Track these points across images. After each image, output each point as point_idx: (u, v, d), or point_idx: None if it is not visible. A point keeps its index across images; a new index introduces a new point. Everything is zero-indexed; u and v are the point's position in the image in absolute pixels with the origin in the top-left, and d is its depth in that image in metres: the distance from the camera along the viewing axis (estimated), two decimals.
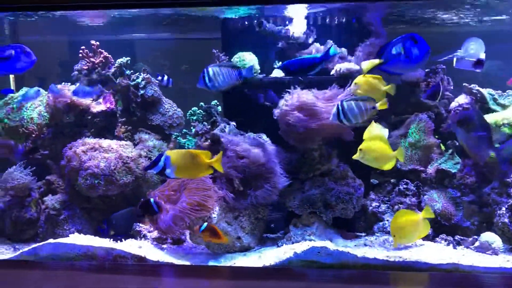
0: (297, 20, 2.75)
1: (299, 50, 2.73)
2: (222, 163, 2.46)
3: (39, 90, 2.82)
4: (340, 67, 2.55)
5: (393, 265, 2.11)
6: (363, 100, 2.23)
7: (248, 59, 2.66)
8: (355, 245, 2.41)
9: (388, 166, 2.26)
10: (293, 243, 2.40)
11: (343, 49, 2.67)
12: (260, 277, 2.06)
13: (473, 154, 2.51)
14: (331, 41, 2.48)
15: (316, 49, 2.63)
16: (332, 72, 2.62)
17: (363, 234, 2.60)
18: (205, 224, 2.22)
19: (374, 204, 2.63)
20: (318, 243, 2.23)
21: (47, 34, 3.95)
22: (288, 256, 2.15)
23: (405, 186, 2.58)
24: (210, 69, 2.20)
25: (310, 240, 2.38)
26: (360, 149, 2.23)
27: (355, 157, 2.24)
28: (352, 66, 2.57)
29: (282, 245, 2.42)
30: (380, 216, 2.59)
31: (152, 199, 2.24)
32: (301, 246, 2.19)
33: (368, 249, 2.33)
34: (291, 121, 2.38)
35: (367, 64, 2.31)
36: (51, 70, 3.91)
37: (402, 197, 2.56)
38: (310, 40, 2.74)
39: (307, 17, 2.78)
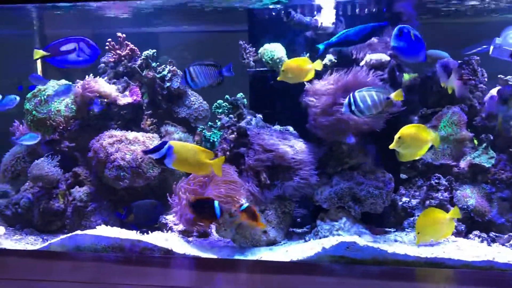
0: (325, 9, 2.69)
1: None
2: (249, 155, 2.45)
3: (70, 86, 2.83)
4: (371, 57, 2.49)
5: (424, 261, 2.05)
6: (377, 91, 2.15)
7: (276, 50, 2.60)
8: (385, 241, 2.35)
9: (422, 152, 2.21)
10: (320, 238, 2.36)
11: (374, 39, 2.59)
12: (288, 271, 2.02)
13: None
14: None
15: None
16: (362, 63, 2.55)
17: (393, 230, 2.54)
18: (246, 204, 2.17)
19: (404, 199, 2.56)
20: (347, 238, 2.18)
21: (73, 27, 3.97)
22: (317, 251, 2.11)
23: (437, 180, 2.50)
24: (191, 69, 2.22)
25: (338, 235, 2.33)
26: (399, 137, 2.15)
27: (392, 146, 2.16)
28: (383, 56, 2.50)
29: (309, 240, 2.38)
30: (411, 212, 2.53)
31: (217, 202, 2.14)
32: (330, 241, 2.14)
33: (399, 245, 2.27)
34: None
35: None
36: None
37: (433, 192, 2.49)
38: (339, 30, 2.68)
39: (336, 7, 2.71)
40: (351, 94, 2.15)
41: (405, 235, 2.42)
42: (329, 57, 2.62)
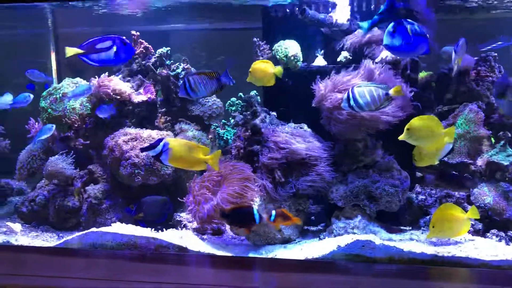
0: (340, 6, 2.66)
1: (342, 37, 2.65)
2: (263, 153, 2.45)
3: (90, 87, 2.84)
4: (386, 54, 2.46)
5: (441, 260, 2.03)
6: (376, 86, 2.14)
7: (290, 47, 2.59)
8: (400, 239, 2.32)
9: (437, 145, 2.17)
10: (335, 236, 2.35)
11: None
12: (303, 269, 2.02)
13: None
14: None
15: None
16: (378, 60, 2.53)
17: (408, 228, 2.51)
18: (274, 212, 2.14)
19: (420, 197, 2.54)
20: (363, 236, 2.16)
21: (87, 25, 3.99)
22: (332, 249, 2.10)
23: None
24: (190, 79, 2.21)
25: (353, 233, 2.32)
26: (408, 129, 2.12)
27: (401, 137, 2.13)
28: None
29: (324, 238, 2.37)
30: (427, 210, 2.50)
31: (256, 209, 2.13)
32: (345, 239, 2.13)
33: (415, 243, 2.24)
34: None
35: None
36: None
37: (450, 190, 2.46)
38: (354, 27, 2.66)
39: (350, 3, 2.69)
40: (350, 90, 2.14)
41: (421, 234, 2.39)
42: (344, 54, 2.61)
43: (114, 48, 2.14)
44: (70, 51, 2.15)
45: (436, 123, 2.16)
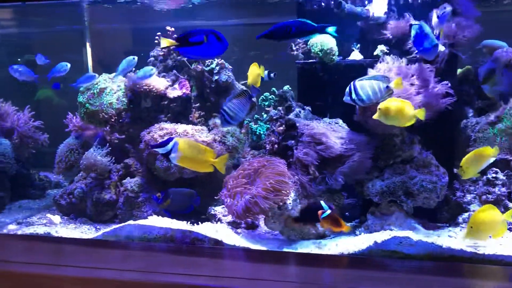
0: None
1: (379, 31, 2.61)
2: (297, 148, 2.44)
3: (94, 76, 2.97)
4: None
5: (482, 258, 1.98)
6: (377, 79, 2.15)
7: (325, 41, 2.57)
8: (438, 236, 2.28)
9: (408, 123, 2.19)
10: (371, 232, 2.33)
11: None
12: (339, 265, 2.00)
13: None
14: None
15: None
16: (416, 53, 2.48)
17: (446, 225, 2.47)
18: (328, 211, 2.16)
19: (459, 193, 2.48)
20: (400, 232, 2.13)
21: (122, 21, 4.05)
22: (368, 245, 2.07)
23: (494, 175, 2.40)
24: (226, 108, 2.24)
25: (390, 229, 2.29)
26: (379, 109, 2.16)
27: (375, 117, 2.17)
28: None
29: (360, 234, 2.35)
30: (466, 207, 2.45)
31: (322, 202, 2.18)
32: (382, 236, 2.10)
33: (454, 240, 2.20)
34: None
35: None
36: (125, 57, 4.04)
37: (490, 186, 2.40)
38: (391, 20, 2.61)
39: None
40: (352, 83, 2.16)
41: (459, 231, 2.34)
42: (381, 48, 2.57)
43: (205, 40, 2.14)
44: (165, 41, 2.17)
45: (408, 105, 2.16)
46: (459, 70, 2.77)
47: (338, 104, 2.51)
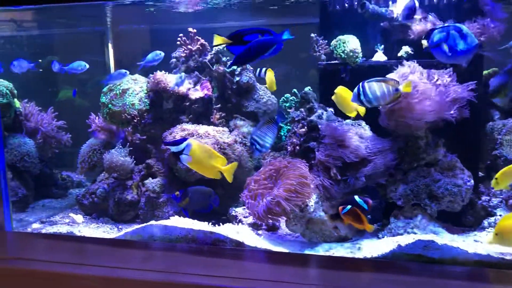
0: (402, 0, 2.59)
1: (403, 32, 2.58)
2: (319, 150, 2.43)
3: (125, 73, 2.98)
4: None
5: (510, 263, 1.94)
6: (386, 81, 2.12)
7: (349, 42, 2.55)
8: (464, 241, 2.24)
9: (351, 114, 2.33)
10: (394, 235, 2.30)
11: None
12: (362, 268, 1.98)
13: None
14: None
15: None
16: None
17: (471, 229, 2.42)
18: (349, 206, 2.13)
19: (484, 197, 2.44)
20: (425, 236, 2.10)
21: (143, 22, 4.08)
22: (391, 248, 2.05)
23: None
24: (256, 138, 2.24)
25: (413, 233, 2.26)
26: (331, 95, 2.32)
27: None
28: None
29: (383, 237, 2.32)
30: (491, 211, 2.40)
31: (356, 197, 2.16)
32: (406, 239, 2.07)
33: (479, 245, 2.16)
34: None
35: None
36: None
37: None
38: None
39: None
40: (360, 84, 2.13)
41: (485, 235, 2.30)
42: (405, 49, 2.54)
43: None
44: (218, 39, 2.15)
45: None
46: (484, 72, 2.72)
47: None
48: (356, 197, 2.14)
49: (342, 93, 2.35)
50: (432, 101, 2.23)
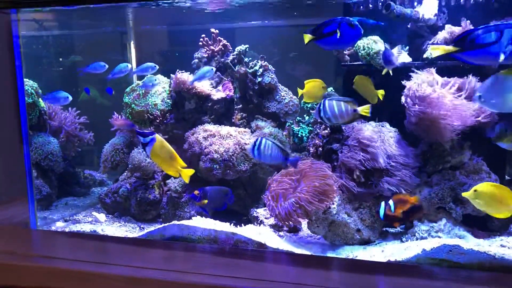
0: (427, 0, 2.55)
1: (429, 33, 2.55)
2: (342, 151, 2.41)
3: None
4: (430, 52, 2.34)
5: None
6: (346, 101, 2.21)
7: (373, 43, 2.52)
8: (490, 245, 2.20)
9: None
10: (417, 239, 2.27)
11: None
12: (386, 272, 1.96)
13: None
14: None
15: (449, 32, 2.42)
16: (424, 55, 2.41)
17: (497, 234, 2.38)
18: (391, 202, 2.19)
19: None
20: (450, 240, 2.07)
21: (165, 23, 4.10)
22: (416, 252, 2.02)
23: None
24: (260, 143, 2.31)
25: (438, 237, 2.23)
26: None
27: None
28: None
29: (406, 241, 2.29)
30: None
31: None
32: (431, 243, 2.05)
33: (506, 250, 2.12)
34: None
35: (438, 49, 1.97)
36: (168, 58, 4.08)
37: None
38: (441, 22, 2.54)
39: None
40: (322, 101, 2.23)
41: None
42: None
43: (339, 33, 2.12)
44: (306, 37, 2.19)
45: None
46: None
47: (386, 107, 2.47)
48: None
49: (362, 81, 2.42)
50: (458, 115, 2.21)
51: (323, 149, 2.53)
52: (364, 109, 2.22)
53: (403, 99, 2.36)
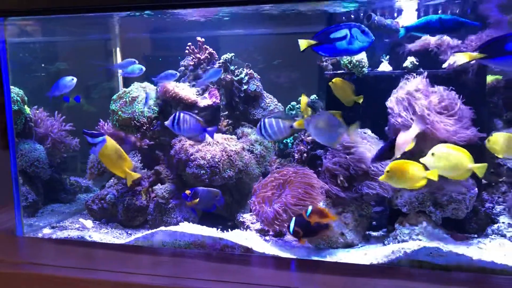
0: (406, 12, 2.65)
1: (408, 43, 2.64)
2: (326, 157, 2.47)
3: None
4: (454, 60, 2.43)
5: None
6: (283, 118, 2.38)
7: None
8: (467, 248, 2.29)
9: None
10: (399, 242, 2.34)
11: (457, 41, 2.53)
12: (369, 274, 2.02)
13: None
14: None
15: (422, 40, 2.52)
16: (445, 65, 2.50)
17: (475, 236, 2.47)
18: (310, 208, 2.19)
19: (488, 205, 2.48)
20: (430, 243, 2.14)
21: (151, 31, 4.13)
22: (398, 255, 2.09)
23: None
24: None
25: (418, 240, 2.30)
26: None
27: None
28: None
29: (388, 244, 2.36)
30: (495, 218, 2.44)
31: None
32: (411, 246, 2.12)
33: (483, 252, 2.20)
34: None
35: (463, 56, 2.07)
36: (154, 65, 4.11)
37: None
38: None
39: (417, 9, 2.66)
40: (262, 120, 2.40)
41: (489, 242, 2.34)
42: (411, 59, 2.59)
43: (348, 37, 2.11)
44: (304, 43, 2.13)
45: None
46: (489, 79, 2.77)
47: (368, 114, 2.55)
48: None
49: (340, 83, 2.51)
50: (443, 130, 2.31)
51: (307, 155, 2.59)
52: (299, 124, 2.34)
53: (389, 104, 2.43)
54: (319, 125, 2.25)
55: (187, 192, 2.53)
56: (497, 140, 2.26)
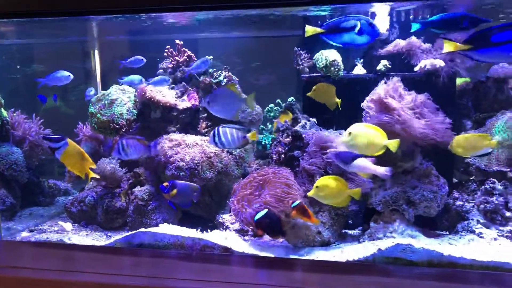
0: (379, 16, 2.73)
1: (381, 47, 2.72)
2: (303, 158, 2.53)
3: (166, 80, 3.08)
4: (425, 63, 2.52)
5: (480, 265, 2.07)
6: (238, 129, 2.44)
7: (331, 56, 2.67)
8: (439, 244, 2.37)
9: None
10: (374, 239, 2.41)
11: (428, 45, 2.62)
12: (346, 271, 2.08)
13: None
14: None
15: (394, 45, 2.61)
16: (417, 68, 2.59)
17: (446, 233, 2.56)
18: (298, 201, 2.26)
19: (458, 203, 2.58)
20: (403, 240, 2.22)
21: (130, 34, 4.14)
22: (372, 252, 2.16)
23: (491, 185, 2.50)
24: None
25: (392, 237, 2.38)
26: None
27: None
28: (438, 62, 2.53)
29: (364, 241, 2.43)
30: (465, 215, 2.54)
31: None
32: (386, 243, 2.19)
33: (454, 248, 2.29)
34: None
35: (450, 45, 2.10)
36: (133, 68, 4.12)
37: (488, 196, 2.49)
38: (393, 37, 2.72)
39: (390, 14, 2.75)
40: (216, 128, 2.44)
41: (459, 238, 2.43)
42: (384, 63, 2.67)
43: (357, 29, 2.14)
44: (310, 30, 2.18)
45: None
46: (458, 82, 2.87)
47: (343, 116, 2.62)
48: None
49: (324, 88, 2.55)
50: (414, 128, 2.39)
51: (285, 156, 2.64)
52: (252, 135, 2.42)
53: (365, 105, 2.50)
54: (218, 101, 2.33)
55: (165, 184, 2.56)
56: (459, 142, 2.36)
